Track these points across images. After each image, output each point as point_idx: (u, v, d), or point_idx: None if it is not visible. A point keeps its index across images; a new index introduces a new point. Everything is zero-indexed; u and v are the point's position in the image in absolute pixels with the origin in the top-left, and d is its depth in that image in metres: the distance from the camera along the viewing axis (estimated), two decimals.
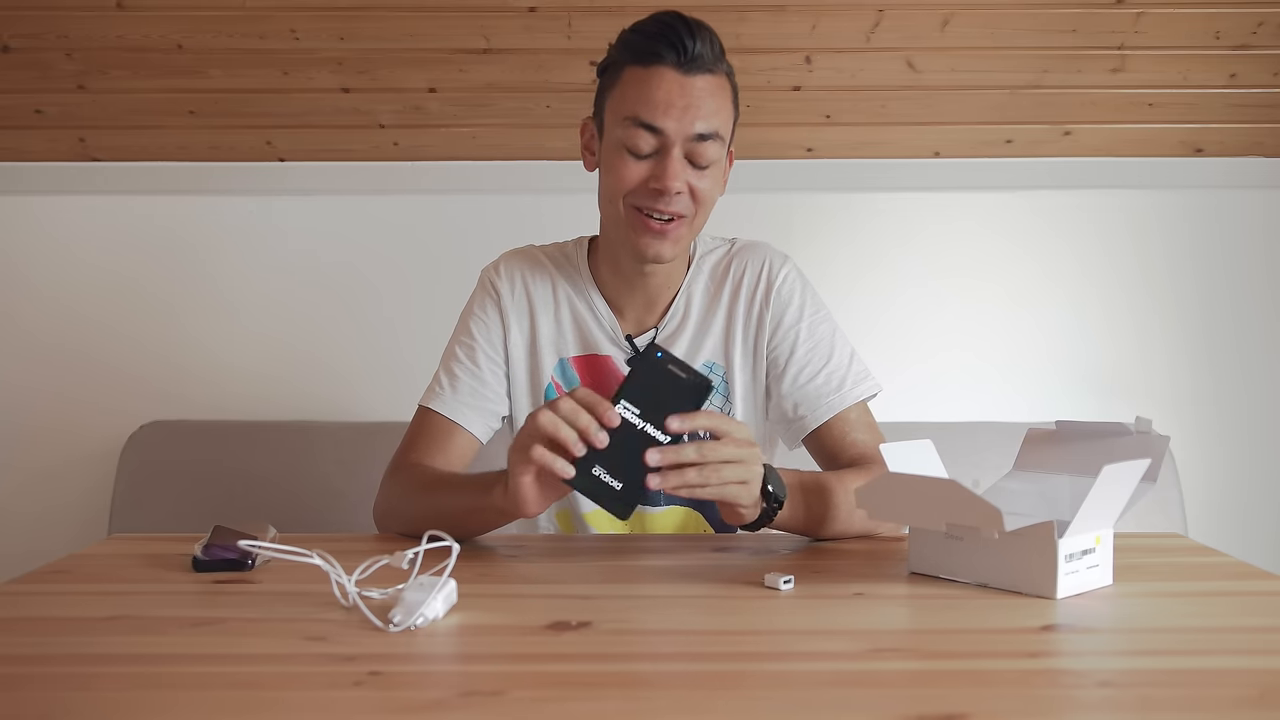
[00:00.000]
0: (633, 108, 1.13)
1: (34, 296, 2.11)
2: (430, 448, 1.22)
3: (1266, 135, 2.09)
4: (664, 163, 1.13)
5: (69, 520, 2.09)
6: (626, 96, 1.14)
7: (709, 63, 1.13)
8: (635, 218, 1.16)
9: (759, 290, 1.27)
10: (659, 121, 1.12)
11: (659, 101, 1.12)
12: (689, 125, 1.12)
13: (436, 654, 0.75)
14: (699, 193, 1.16)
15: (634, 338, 1.28)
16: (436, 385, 1.27)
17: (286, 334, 2.13)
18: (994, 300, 2.14)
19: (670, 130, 1.12)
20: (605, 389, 1.26)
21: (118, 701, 0.65)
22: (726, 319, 1.28)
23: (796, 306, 1.27)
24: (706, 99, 1.13)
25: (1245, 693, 0.66)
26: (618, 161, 1.16)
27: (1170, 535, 1.19)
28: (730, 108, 1.18)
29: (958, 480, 0.88)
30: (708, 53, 1.13)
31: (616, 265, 1.26)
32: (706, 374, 1.10)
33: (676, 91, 1.12)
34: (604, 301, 1.29)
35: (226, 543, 0.97)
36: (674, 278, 1.29)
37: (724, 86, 1.16)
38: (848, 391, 1.23)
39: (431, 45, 1.97)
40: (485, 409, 1.27)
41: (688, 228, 1.18)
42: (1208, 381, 2.15)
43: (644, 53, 1.13)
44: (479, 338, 1.28)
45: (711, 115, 1.13)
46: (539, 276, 1.30)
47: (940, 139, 2.10)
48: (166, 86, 2.01)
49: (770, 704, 0.64)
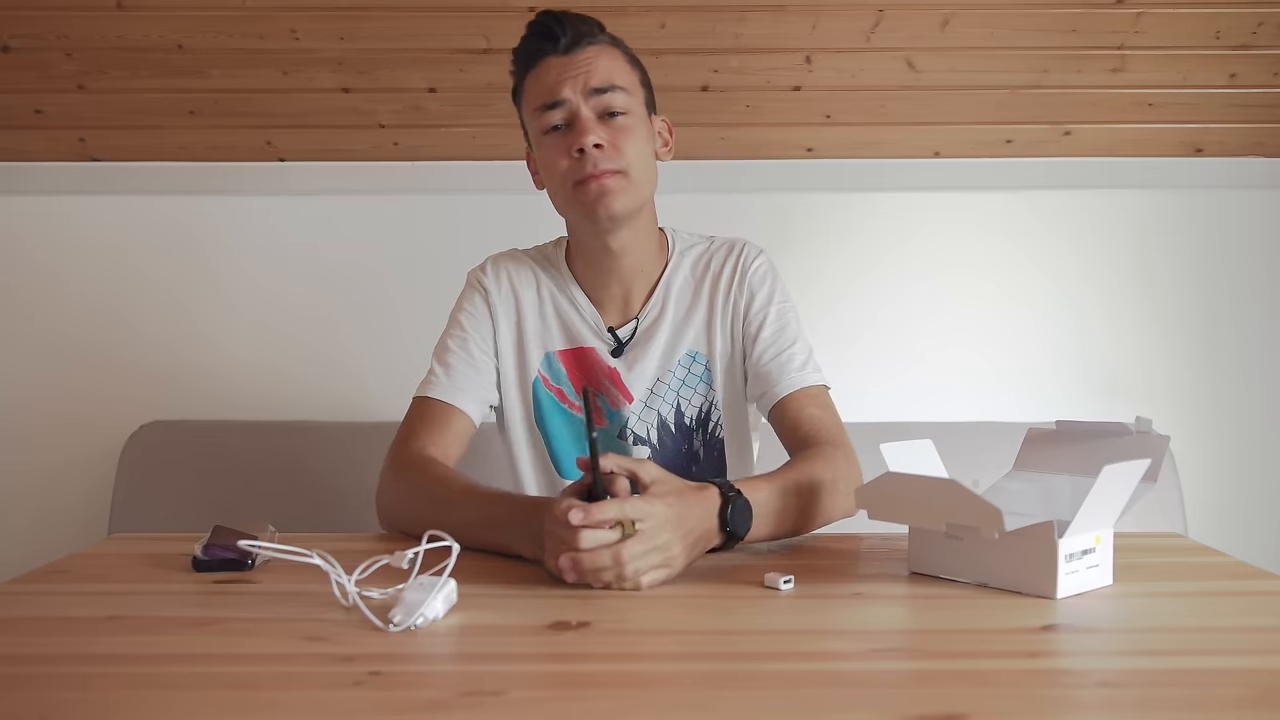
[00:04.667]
0: (536, 100, 1.23)
1: (33, 297, 2.11)
2: (430, 434, 1.23)
3: (1266, 135, 2.09)
4: (574, 128, 1.20)
5: (69, 520, 2.09)
6: (529, 97, 1.25)
7: (588, 36, 1.22)
8: (575, 189, 1.22)
9: (735, 277, 1.33)
10: (556, 95, 1.20)
11: (551, 82, 1.21)
12: (584, 85, 1.20)
13: (436, 654, 0.75)
14: (621, 145, 1.21)
15: (616, 330, 1.31)
16: (431, 376, 1.29)
17: (286, 334, 2.13)
18: (994, 300, 2.14)
19: (569, 96, 1.20)
20: (591, 379, 1.31)
21: (117, 701, 0.65)
22: (708, 309, 1.32)
23: (766, 292, 1.32)
24: (594, 61, 1.21)
25: (1245, 693, 0.66)
26: (544, 151, 1.24)
27: (1170, 535, 1.19)
28: (626, 65, 1.25)
29: (958, 480, 0.88)
30: (580, 30, 1.22)
31: (589, 258, 1.31)
32: (688, 366, 1.24)
33: (565, 68, 1.21)
34: (584, 296, 1.33)
35: (226, 543, 0.97)
36: (648, 266, 1.32)
37: (610, 51, 1.24)
38: (810, 374, 1.26)
39: (431, 45, 1.97)
40: (479, 394, 1.29)
41: (627, 180, 1.22)
42: (1208, 381, 2.15)
43: (528, 56, 1.25)
44: (470, 330, 1.31)
45: (604, 71, 1.21)
46: (523, 275, 1.35)
47: (940, 139, 2.10)
48: (166, 86, 2.01)
49: (770, 704, 0.64)
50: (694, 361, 1.31)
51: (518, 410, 1.33)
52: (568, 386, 1.31)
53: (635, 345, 1.31)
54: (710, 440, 1.32)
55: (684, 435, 1.31)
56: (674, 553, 0.91)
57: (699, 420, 1.32)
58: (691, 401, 1.31)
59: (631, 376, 1.30)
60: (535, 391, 1.32)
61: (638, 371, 1.30)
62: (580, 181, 1.21)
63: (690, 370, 1.31)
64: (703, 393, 1.31)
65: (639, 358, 1.31)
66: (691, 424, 1.32)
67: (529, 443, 1.34)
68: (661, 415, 1.31)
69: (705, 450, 1.32)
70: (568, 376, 1.32)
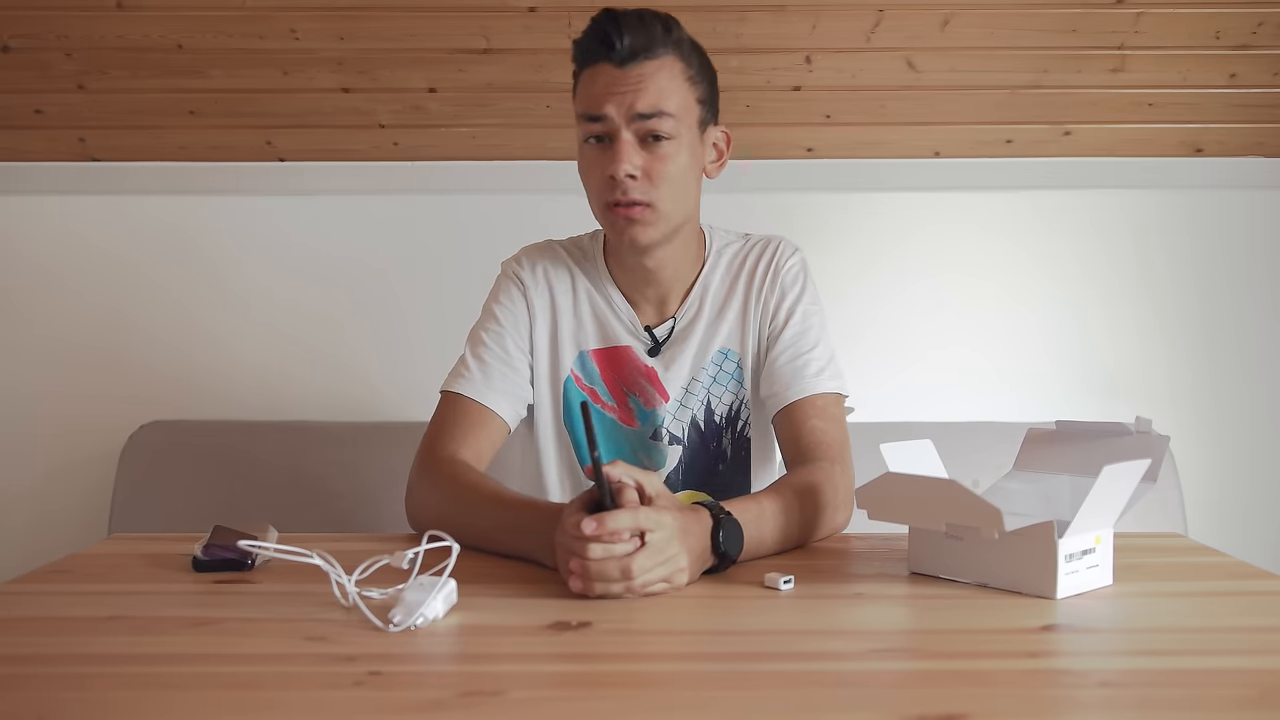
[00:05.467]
0: (582, 106, 1.20)
1: (33, 297, 2.11)
2: (463, 436, 1.21)
3: (1266, 135, 2.09)
4: (612, 149, 1.17)
5: (69, 520, 2.09)
6: (578, 98, 1.21)
7: (647, 49, 1.17)
8: (607, 211, 1.20)
9: (768, 275, 1.31)
10: (599, 110, 1.17)
11: (598, 94, 1.17)
12: (629, 108, 1.16)
13: (436, 654, 0.75)
14: (656, 175, 1.18)
15: (653, 329, 1.30)
16: (464, 369, 1.26)
17: (286, 334, 2.13)
18: (994, 300, 2.14)
19: (612, 115, 1.16)
20: (626, 378, 1.29)
21: (117, 701, 0.65)
22: (742, 307, 1.31)
23: (796, 292, 1.30)
24: (646, 82, 1.17)
25: (1245, 693, 0.66)
26: (582, 161, 1.22)
27: (1170, 535, 1.19)
28: (683, 82, 1.20)
29: (958, 480, 0.88)
30: (642, 41, 1.16)
31: (621, 260, 1.30)
32: (719, 363, 1.24)
33: (614, 82, 1.17)
34: (620, 294, 1.31)
35: (226, 543, 0.97)
36: (684, 269, 1.30)
37: (669, 65, 1.18)
38: (823, 380, 1.24)
39: (431, 45, 1.97)
40: (515, 394, 1.27)
41: (655, 213, 1.19)
42: (1208, 381, 2.15)
43: (584, 55, 1.20)
44: (506, 325, 1.29)
45: (653, 95, 1.17)
46: (559, 270, 1.32)
47: (940, 139, 2.10)
48: (166, 86, 2.01)
49: (771, 704, 0.64)
50: (726, 359, 1.30)
51: (547, 409, 1.30)
52: (600, 386, 1.30)
53: (672, 344, 1.29)
54: (738, 439, 1.31)
55: (713, 433, 1.30)
56: (682, 565, 0.90)
57: (729, 419, 1.30)
58: (722, 399, 1.30)
59: (669, 375, 1.29)
60: (566, 391, 1.30)
61: (674, 370, 1.29)
62: (611, 205, 1.19)
63: (722, 368, 1.30)
64: (734, 390, 1.30)
65: (675, 356, 1.29)
66: (721, 422, 1.30)
67: (556, 442, 1.31)
68: (694, 413, 1.29)
69: (733, 449, 1.31)
70: (601, 376, 1.30)
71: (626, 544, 0.87)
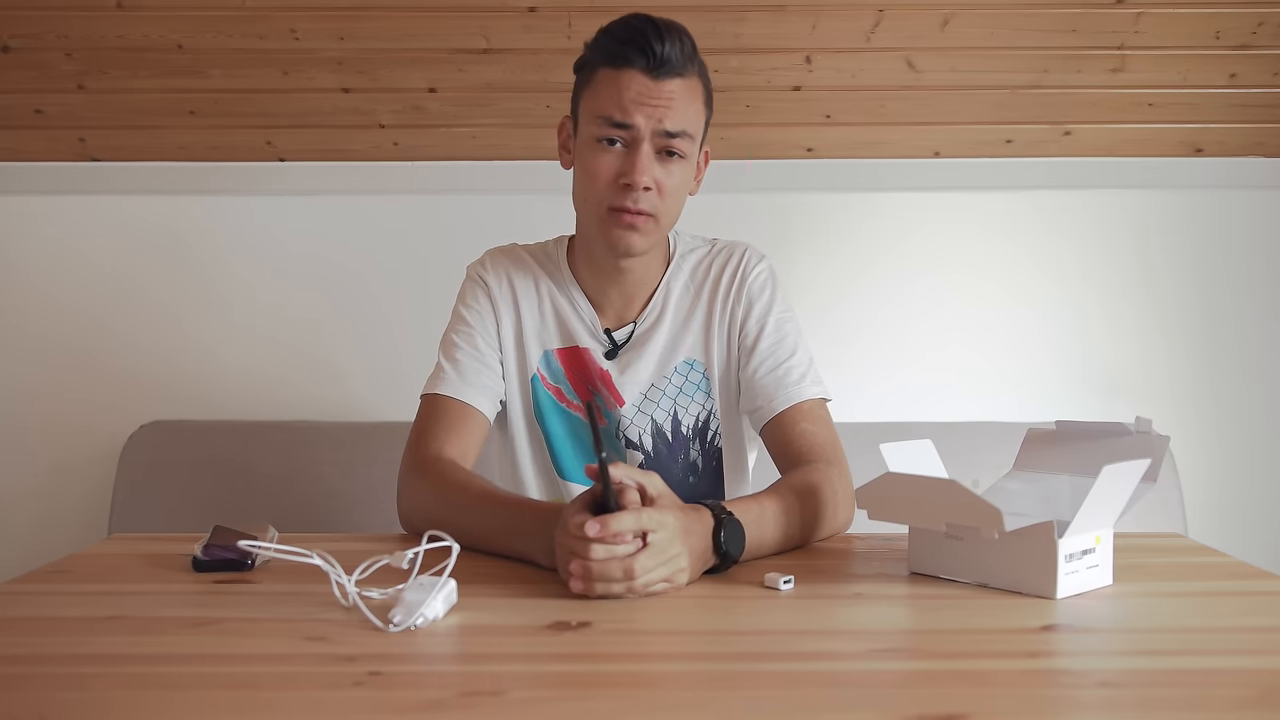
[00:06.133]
0: (604, 108, 1.17)
1: (34, 297, 2.11)
2: (447, 434, 1.21)
3: (1266, 135, 2.09)
4: (633, 158, 1.17)
5: (69, 520, 2.09)
6: (599, 97, 1.19)
7: (678, 65, 1.17)
8: (607, 214, 1.20)
9: (734, 284, 1.31)
10: (628, 118, 1.16)
11: (628, 102, 1.16)
12: (657, 122, 1.16)
13: (436, 654, 0.75)
14: (665, 190, 1.19)
15: (613, 331, 1.31)
16: (440, 372, 1.27)
17: (287, 334, 2.13)
18: (994, 300, 2.14)
19: (639, 125, 1.16)
20: (587, 378, 1.29)
21: (117, 701, 0.65)
22: (706, 316, 1.31)
23: (765, 301, 1.30)
24: (676, 100, 1.17)
25: (1245, 693, 0.66)
26: (590, 159, 1.20)
27: (1170, 535, 1.19)
28: (701, 108, 1.21)
29: (958, 480, 0.88)
30: (676, 55, 1.16)
31: (593, 261, 1.30)
32: (685, 374, 1.22)
33: (646, 93, 1.16)
34: (584, 297, 1.32)
35: (226, 543, 0.97)
36: (650, 273, 1.31)
37: (694, 88, 1.20)
38: (807, 386, 1.25)
39: (431, 45, 1.97)
40: (490, 389, 1.28)
41: (655, 224, 1.21)
42: (1208, 381, 2.15)
43: (615, 56, 1.17)
44: (475, 325, 1.30)
45: (680, 115, 1.17)
46: (522, 272, 1.34)
47: (940, 139, 2.10)
48: (166, 86, 2.01)
49: (770, 704, 0.64)
50: (691, 369, 1.30)
51: (518, 407, 1.32)
52: (565, 385, 1.31)
53: (630, 349, 1.30)
54: (709, 450, 1.32)
55: (681, 444, 1.31)
56: (683, 564, 0.90)
57: (697, 429, 1.31)
58: (689, 410, 1.30)
59: (624, 380, 1.29)
60: (534, 389, 1.31)
61: (630, 375, 1.29)
62: (615, 209, 1.19)
63: (688, 378, 1.30)
64: (701, 401, 1.30)
65: (632, 361, 1.30)
66: (689, 433, 1.31)
67: (529, 440, 1.33)
68: (657, 422, 1.30)
69: (703, 460, 1.32)
70: (565, 375, 1.31)
71: (629, 545, 0.87)
